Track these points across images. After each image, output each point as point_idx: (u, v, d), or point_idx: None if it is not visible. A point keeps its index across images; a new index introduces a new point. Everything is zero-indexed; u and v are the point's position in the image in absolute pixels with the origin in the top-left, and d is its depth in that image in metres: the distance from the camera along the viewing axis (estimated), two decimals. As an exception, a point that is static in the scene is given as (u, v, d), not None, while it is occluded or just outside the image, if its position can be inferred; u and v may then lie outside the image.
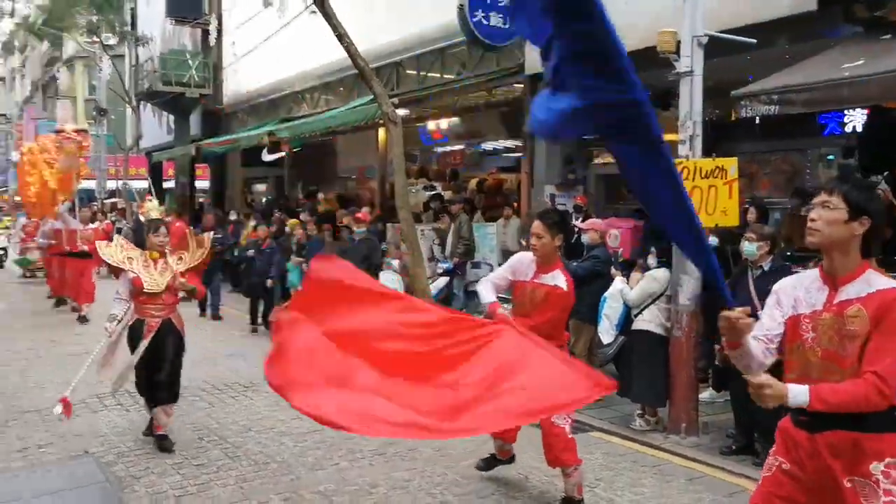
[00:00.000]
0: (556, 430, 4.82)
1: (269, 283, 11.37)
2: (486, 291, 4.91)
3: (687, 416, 6.50)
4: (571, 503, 4.94)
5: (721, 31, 6.65)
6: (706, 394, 7.46)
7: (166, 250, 6.07)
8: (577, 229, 9.00)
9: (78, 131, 12.78)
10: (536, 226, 4.92)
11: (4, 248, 22.42)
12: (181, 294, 6.11)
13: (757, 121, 7.51)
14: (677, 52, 6.40)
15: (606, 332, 7.11)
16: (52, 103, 44.95)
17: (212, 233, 6.14)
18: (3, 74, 65.38)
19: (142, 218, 13.04)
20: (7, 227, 23.99)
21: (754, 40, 6.86)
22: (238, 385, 8.18)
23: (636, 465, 5.90)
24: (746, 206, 7.70)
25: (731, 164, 6.30)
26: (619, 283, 7.07)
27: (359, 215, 10.66)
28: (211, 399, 7.59)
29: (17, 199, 29.76)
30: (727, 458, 6.02)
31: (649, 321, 6.71)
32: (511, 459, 5.50)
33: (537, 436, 6.41)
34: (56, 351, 9.81)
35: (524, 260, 5.08)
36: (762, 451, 5.90)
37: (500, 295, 5.01)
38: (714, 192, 6.28)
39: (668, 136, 12.28)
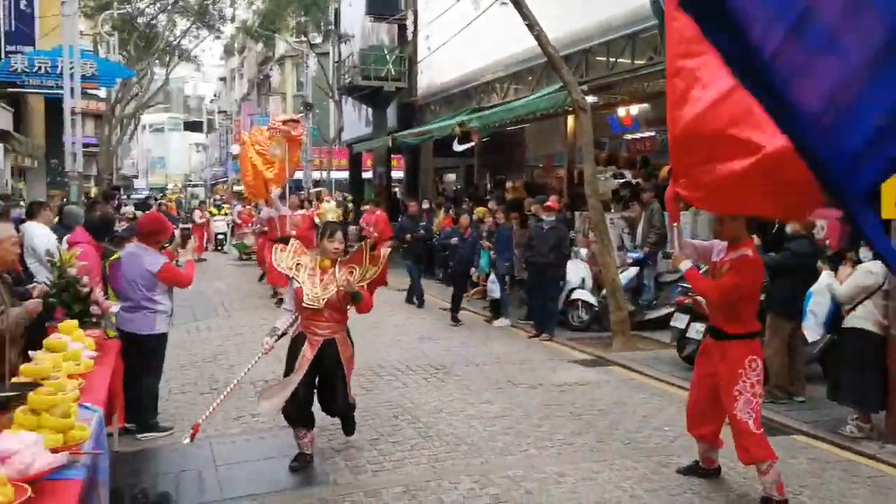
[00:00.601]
0: (740, 425, 4.69)
1: (472, 272, 11.62)
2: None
3: (909, 425, 5.88)
4: (770, 503, 4.65)
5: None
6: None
7: (338, 260, 5.42)
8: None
9: (287, 121, 12.65)
10: None
11: (224, 233, 24.66)
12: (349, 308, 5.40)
13: None
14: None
15: (812, 329, 6.61)
16: (266, 100, 48.76)
17: (388, 248, 5.41)
18: (224, 75, 71.81)
19: (317, 221, 13.35)
20: (226, 214, 26.34)
21: None
22: (430, 367, 8.45)
23: (847, 474, 5.43)
24: None
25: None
26: (826, 277, 6.54)
27: (549, 203, 10.61)
28: (405, 380, 7.91)
29: (237, 188, 32.53)
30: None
31: (864, 318, 6.14)
32: (716, 471, 5.25)
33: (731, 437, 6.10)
34: (266, 328, 10.63)
35: (716, 247, 5.02)
36: None
37: None
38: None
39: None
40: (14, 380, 3.49)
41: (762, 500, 4.72)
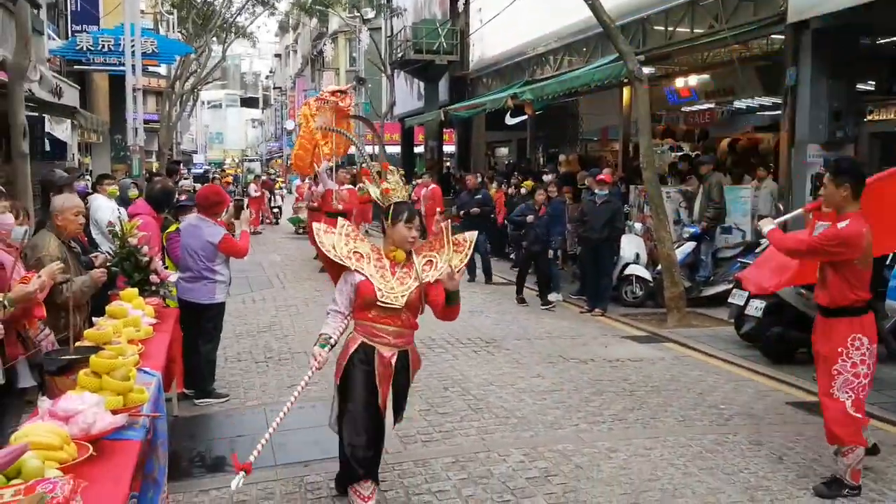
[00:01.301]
0: (835, 405, 4.52)
1: (550, 252, 10.96)
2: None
3: None
4: (841, 485, 4.53)
5: None
6: None
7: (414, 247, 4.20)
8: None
9: (335, 92, 12.45)
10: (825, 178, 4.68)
11: (279, 207, 25.01)
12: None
13: None
14: None
15: None
16: (319, 75, 49.02)
17: (475, 234, 4.30)
18: (279, 51, 72.46)
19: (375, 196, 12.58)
20: (280, 188, 26.73)
21: None
22: (480, 340, 8.46)
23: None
24: None
25: None
26: None
27: (601, 177, 10.43)
28: (455, 352, 7.93)
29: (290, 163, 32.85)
30: None
31: None
32: (874, 449, 4.87)
33: (791, 417, 5.97)
34: (321, 300, 10.79)
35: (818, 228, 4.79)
36: None
37: None
38: None
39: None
40: (78, 344, 3.59)
41: (831, 480, 4.59)
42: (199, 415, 6.02)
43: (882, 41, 10.85)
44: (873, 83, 11.81)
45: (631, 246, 10.79)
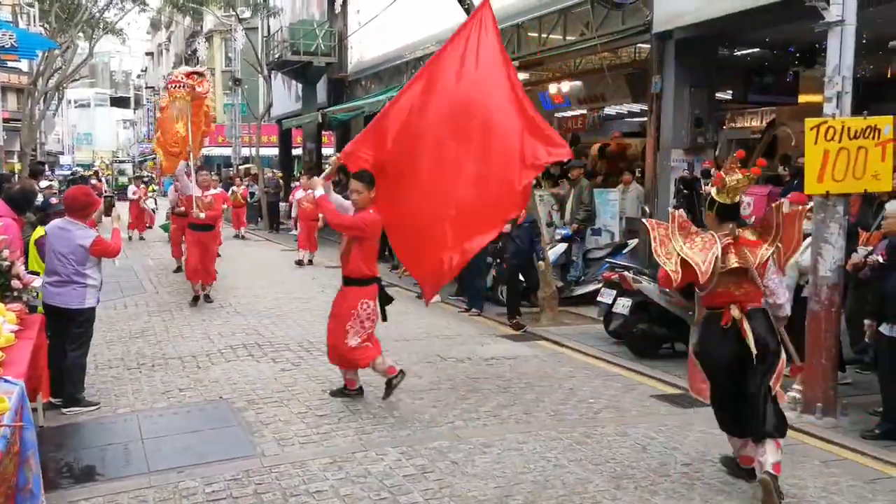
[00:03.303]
0: (345, 345, 6.05)
1: (538, 263, 9.68)
2: None
3: (824, 396, 6.09)
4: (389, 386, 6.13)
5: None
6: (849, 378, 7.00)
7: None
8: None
9: (190, 74, 9.58)
10: None
11: (154, 210, 23.91)
12: None
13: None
14: (826, 0, 5.94)
15: (788, 303, 6.70)
16: (194, 74, 47.39)
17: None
18: (151, 49, 69.54)
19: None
20: (154, 191, 25.65)
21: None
22: (360, 343, 8.43)
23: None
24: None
25: (886, 122, 5.82)
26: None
27: None
28: (334, 355, 7.86)
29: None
30: (868, 442, 5.61)
31: None
32: None
33: (654, 408, 6.30)
34: (200, 306, 10.44)
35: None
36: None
37: None
38: (864, 155, 5.85)
39: (811, 97, 11.51)
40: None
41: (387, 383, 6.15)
42: (66, 424, 5.74)
43: (738, 52, 11.66)
44: (731, 92, 12.63)
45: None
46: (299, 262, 15.02)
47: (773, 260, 4.54)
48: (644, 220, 6.03)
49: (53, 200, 7.21)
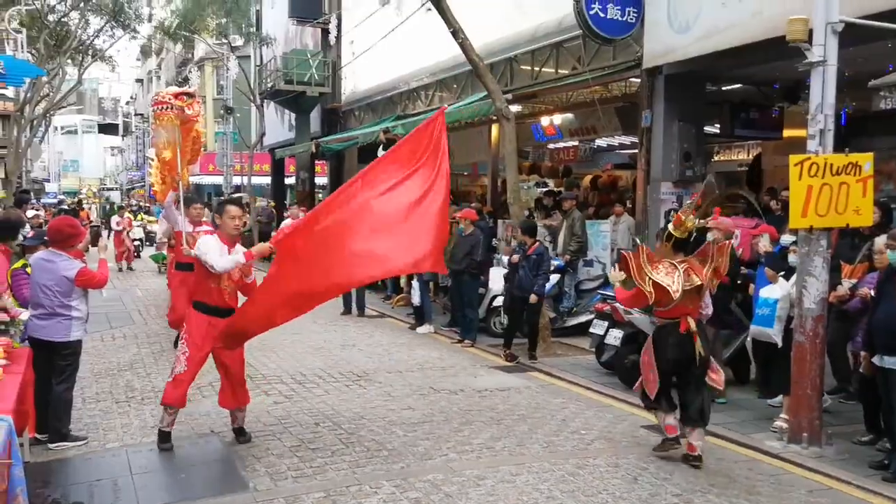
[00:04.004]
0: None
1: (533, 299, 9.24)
2: None
3: (810, 426, 6.17)
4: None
5: (859, 17, 6.28)
6: (829, 402, 7.07)
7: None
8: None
9: (179, 94, 8.48)
10: None
11: (140, 240, 23.85)
12: None
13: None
14: (809, 40, 6.09)
15: (779, 334, 6.77)
16: (184, 103, 47.50)
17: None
18: (141, 76, 69.74)
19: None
20: (142, 219, 25.56)
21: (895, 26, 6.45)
22: (352, 374, 8.42)
23: (752, 472, 5.68)
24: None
25: (866, 159, 5.96)
26: (786, 284, 6.74)
27: (457, 215, 10.69)
28: (327, 387, 7.85)
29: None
30: (853, 471, 5.67)
31: None
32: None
33: (645, 439, 6.31)
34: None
35: None
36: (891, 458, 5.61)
37: None
38: (846, 190, 5.97)
39: (795, 132, 11.73)
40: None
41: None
42: (53, 459, 5.66)
43: (725, 88, 11.85)
44: (718, 126, 12.82)
45: (499, 279, 11.09)
46: None
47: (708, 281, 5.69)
48: (622, 250, 7.15)
49: (29, 234, 7.05)
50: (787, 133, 12.50)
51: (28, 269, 6.09)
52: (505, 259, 11.61)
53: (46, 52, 27.06)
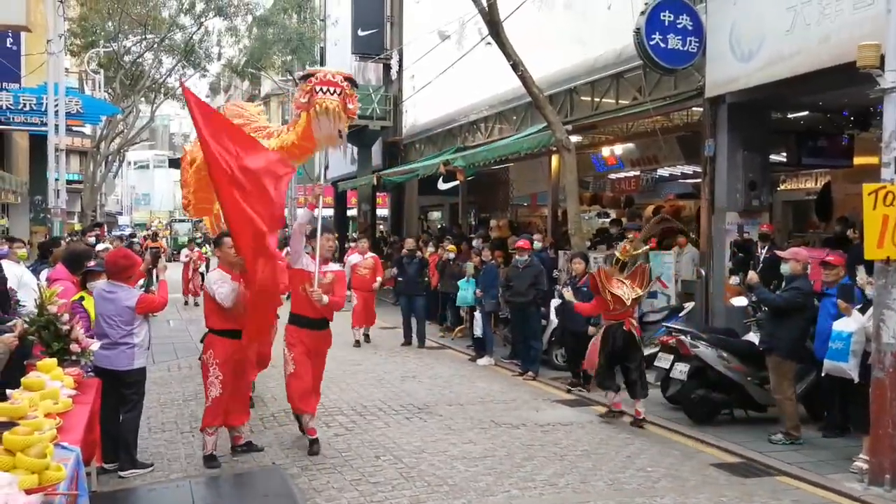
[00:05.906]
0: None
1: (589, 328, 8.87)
2: None
3: (892, 466, 5.86)
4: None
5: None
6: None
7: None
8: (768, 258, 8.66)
9: (348, 77, 6.68)
10: None
11: (203, 273, 24.34)
12: None
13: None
14: (881, 66, 5.89)
15: (855, 369, 6.49)
16: (250, 138, 48.80)
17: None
18: (209, 113, 71.90)
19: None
20: (206, 251, 26.18)
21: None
22: (413, 406, 8.40)
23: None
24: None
25: (944, 187, 5.71)
26: (862, 317, 6.48)
27: (518, 244, 10.66)
28: (387, 419, 7.84)
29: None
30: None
31: None
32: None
33: (714, 478, 6.09)
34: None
35: None
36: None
37: None
38: (923, 219, 5.72)
39: (867, 159, 11.36)
40: (-10, 419, 3.44)
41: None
42: (119, 489, 5.77)
43: (791, 116, 11.55)
44: (785, 154, 12.50)
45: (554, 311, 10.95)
46: (357, 343, 12.53)
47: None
48: (590, 272, 8.77)
49: (91, 263, 7.26)
50: (857, 160, 12.09)
51: (84, 303, 6.28)
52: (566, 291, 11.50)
53: (122, 91, 28.23)
